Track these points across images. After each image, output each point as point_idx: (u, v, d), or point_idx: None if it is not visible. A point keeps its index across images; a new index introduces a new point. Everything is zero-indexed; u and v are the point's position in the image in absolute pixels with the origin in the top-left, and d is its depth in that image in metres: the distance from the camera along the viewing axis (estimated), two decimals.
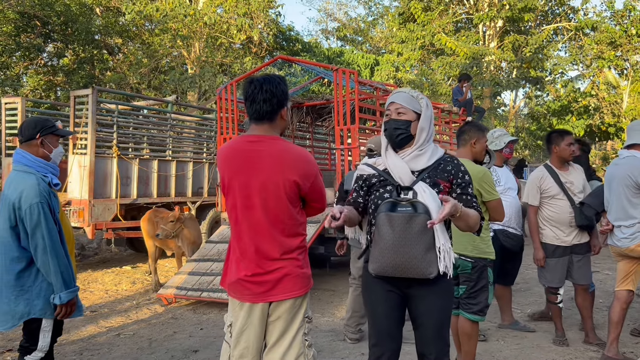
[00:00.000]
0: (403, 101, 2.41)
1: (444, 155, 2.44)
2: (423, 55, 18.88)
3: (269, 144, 2.39)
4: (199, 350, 4.42)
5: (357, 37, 30.15)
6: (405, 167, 2.36)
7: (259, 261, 2.37)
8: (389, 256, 2.26)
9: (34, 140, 2.89)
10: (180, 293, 5.94)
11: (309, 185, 2.42)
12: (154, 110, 10.42)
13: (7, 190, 2.79)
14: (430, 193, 2.28)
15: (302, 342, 2.45)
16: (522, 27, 18.66)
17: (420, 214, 2.23)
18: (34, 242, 2.71)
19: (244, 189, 2.38)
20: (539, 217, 4.35)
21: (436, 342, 2.39)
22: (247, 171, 2.37)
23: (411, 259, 2.24)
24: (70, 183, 7.71)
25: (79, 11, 16.72)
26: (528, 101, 26.84)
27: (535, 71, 17.86)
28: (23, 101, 8.83)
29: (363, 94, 7.58)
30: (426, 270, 2.25)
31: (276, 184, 2.34)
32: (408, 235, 2.23)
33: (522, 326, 4.88)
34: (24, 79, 18.52)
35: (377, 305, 2.45)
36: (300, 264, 2.44)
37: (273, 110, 2.40)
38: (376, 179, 2.43)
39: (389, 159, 2.42)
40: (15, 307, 2.76)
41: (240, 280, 2.40)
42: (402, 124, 2.39)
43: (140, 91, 17.10)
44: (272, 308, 2.41)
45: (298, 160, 2.39)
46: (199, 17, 15.38)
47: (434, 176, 2.36)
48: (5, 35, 15.73)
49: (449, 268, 2.29)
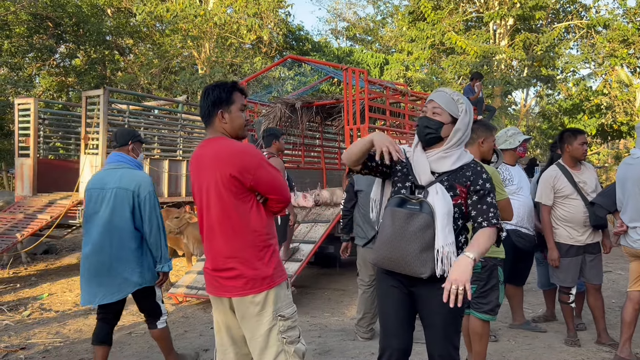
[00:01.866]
0: (442, 102, 2.39)
1: (470, 162, 2.41)
2: (433, 54, 18.81)
3: (211, 146, 2.45)
4: (209, 349, 4.44)
5: (366, 37, 30.10)
6: (426, 166, 2.35)
7: (215, 259, 2.45)
8: (385, 249, 2.31)
9: (126, 146, 3.61)
10: (190, 292, 5.97)
11: (252, 177, 2.34)
12: (164, 111, 10.49)
13: (119, 182, 3.41)
14: (442, 196, 2.27)
15: (279, 340, 2.40)
16: (533, 25, 18.53)
17: (422, 213, 2.24)
18: (150, 222, 3.42)
19: (199, 192, 2.48)
20: (552, 217, 4.32)
21: (443, 344, 2.38)
22: (198, 175, 2.48)
23: (405, 256, 2.25)
24: (82, 183, 7.77)
25: (91, 12, 16.86)
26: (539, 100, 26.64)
27: (547, 69, 17.72)
28: (36, 102, 8.92)
29: (373, 93, 7.57)
30: (418, 269, 2.25)
31: (216, 182, 2.37)
32: (405, 231, 2.25)
33: (533, 326, 4.84)
34: (36, 79, 18.71)
35: (384, 300, 2.49)
36: (254, 265, 2.37)
37: (208, 114, 2.48)
38: (401, 166, 2.44)
39: (415, 155, 2.42)
40: (131, 278, 3.39)
41: (205, 272, 2.53)
42: (433, 124, 2.37)
43: (151, 91, 17.21)
44: (235, 306, 2.44)
45: (233, 154, 2.36)
46: (209, 17, 15.45)
47: (453, 180, 2.35)
48: (18, 36, 15.91)
49: (448, 272, 2.23)
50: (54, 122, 9.66)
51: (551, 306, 5.19)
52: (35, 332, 5.09)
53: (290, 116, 8.17)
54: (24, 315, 5.73)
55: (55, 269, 8.60)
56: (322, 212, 7.04)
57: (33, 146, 8.60)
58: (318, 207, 7.18)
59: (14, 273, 8.13)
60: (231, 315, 2.48)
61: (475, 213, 2.35)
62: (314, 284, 7.26)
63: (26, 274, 8.14)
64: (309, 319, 5.40)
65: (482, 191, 2.35)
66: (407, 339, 2.44)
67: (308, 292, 6.64)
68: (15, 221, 7.74)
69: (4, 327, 5.32)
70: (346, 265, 8.02)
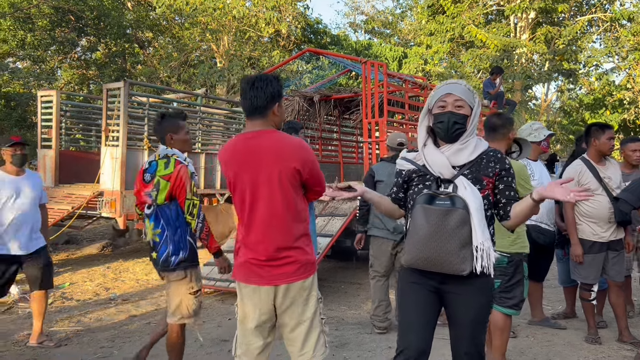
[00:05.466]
0: (462, 94, 2.31)
1: (487, 149, 2.35)
2: (452, 47, 18.63)
3: (267, 138, 2.49)
4: (227, 340, 4.47)
5: (385, 30, 29.92)
6: (445, 161, 2.29)
7: (268, 249, 2.46)
8: (422, 249, 2.21)
9: None
10: (208, 283, 6.02)
11: (308, 170, 2.48)
12: (183, 104, 10.55)
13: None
14: (471, 190, 2.22)
15: (320, 321, 2.57)
16: (555, 19, 18.23)
17: (458, 208, 2.17)
18: None
19: (251, 183, 2.47)
20: (575, 213, 4.25)
21: (471, 341, 2.33)
22: (251, 166, 2.46)
23: (444, 254, 2.18)
24: (102, 174, 7.86)
25: (112, 5, 17.01)
26: (560, 95, 26.23)
27: (569, 64, 17.44)
28: (58, 94, 9.03)
29: (392, 87, 7.52)
30: (459, 266, 2.18)
31: (279, 173, 2.42)
32: (443, 229, 2.17)
33: (552, 323, 4.80)
34: (58, 72, 18.97)
35: (407, 297, 2.41)
36: (305, 251, 2.52)
37: (264, 106, 2.49)
38: (416, 174, 2.38)
39: (428, 154, 2.34)
40: None
41: (247, 264, 2.50)
42: (461, 118, 2.29)
43: (170, 84, 17.33)
44: (282, 293, 2.47)
45: (296, 148, 2.48)
46: (227, 10, 15.49)
47: (477, 172, 2.29)
48: (41, 29, 16.13)
49: (489, 268, 2.21)
50: (75, 115, 9.77)
51: (571, 303, 5.12)
52: (57, 320, 5.18)
53: (308, 109, 8.17)
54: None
55: (76, 258, 8.74)
56: (339, 205, 7.03)
57: (55, 138, 8.72)
58: (335, 201, 7.18)
59: None
60: (270, 305, 2.50)
61: (505, 201, 2.32)
62: (331, 277, 7.27)
63: None
64: (326, 312, 5.40)
65: (507, 177, 2.32)
66: (427, 339, 2.37)
67: (325, 285, 6.65)
68: None
69: (27, 314, 5.43)
70: (363, 259, 8.00)
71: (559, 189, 2.08)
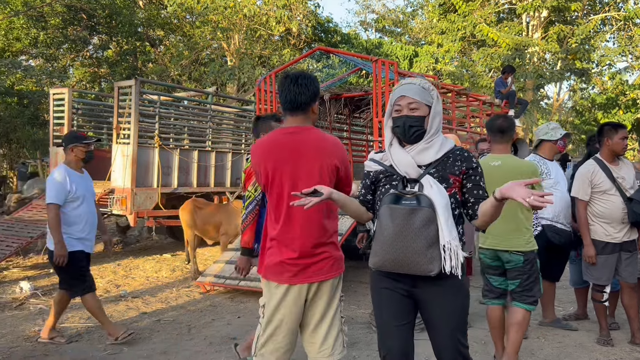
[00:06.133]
0: (415, 95, 2.26)
1: (453, 148, 2.30)
2: (463, 46, 18.52)
3: (307, 134, 2.53)
4: (237, 338, 4.48)
5: (396, 29, 29.81)
6: (410, 160, 2.25)
7: (305, 246, 2.48)
8: (388, 250, 2.17)
9: None
10: (218, 281, 6.03)
11: (344, 168, 2.55)
12: (194, 102, 10.59)
13: None
14: (437, 188, 2.17)
15: (340, 320, 2.61)
16: (568, 17, 18.04)
17: (424, 207, 2.12)
18: None
19: (291, 178, 2.48)
20: (588, 213, 4.21)
21: (453, 345, 2.27)
22: (291, 161, 2.48)
23: (411, 254, 2.13)
24: (113, 172, 7.92)
25: (123, 4, 17.11)
26: (572, 94, 26.00)
27: (581, 63, 17.26)
28: (70, 92, 9.10)
29: None
30: (427, 267, 2.13)
31: (321, 169, 2.47)
32: (408, 229, 2.12)
33: (564, 324, 4.75)
34: (70, 70, 19.11)
35: (381, 304, 2.36)
36: (337, 247, 2.60)
37: (307, 102, 2.53)
38: (383, 175, 2.35)
39: (394, 154, 2.30)
40: None
41: (282, 263, 2.50)
42: (416, 120, 2.25)
43: (181, 83, 17.40)
44: (313, 290, 2.50)
45: (335, 146, 2.55)
46: (238, 9, 15.52)
47: (443, 170, 2.25)
48: (53, 28, 16.26)
49: (457, 268, 2.15)
50: (86, 112, 9.85)
51: (583, 304, 5.07)
52: (68, 316, 5.22)
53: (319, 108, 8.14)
54: None
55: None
56: None
57: None
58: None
59: (48, 259, 8.34)
60: (302, 303, 2.52)
61: (473, 200, 2.29)
62: None
63: None
64: None
65: (475, 176, 2.29)
66: (408, 340, 2.34)
67: None
68: None
69: (39, 311, 5.48)
70: None
71: (520, 189, 1.98)
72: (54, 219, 4.11)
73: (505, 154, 3.62)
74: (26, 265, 7.89)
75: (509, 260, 3.54)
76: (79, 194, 4.22)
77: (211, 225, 7.14)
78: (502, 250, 3.56)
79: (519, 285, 3.52)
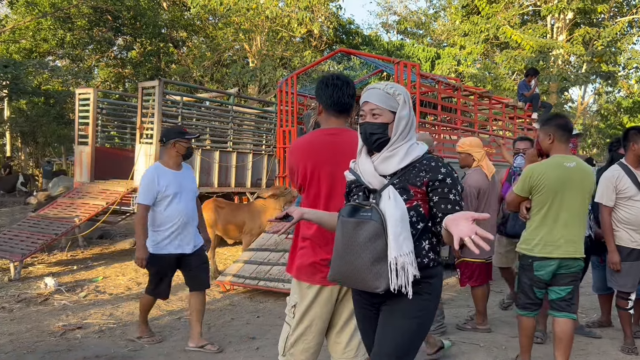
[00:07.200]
0: (378, 101, 2.11)
1: (423, 156, 2.10)
2: (486, 48, 18.35)
3: (347, 135, 2.56)
4: (255, 338, 4.50)
5: (418, 30, 29.69)
6: (371, 170, 2.09)
7: None
8: (338, 263, 2.07)
9: None
10: (237, 281, 6.07)
11: None
12: (216, 103, 10.68)
13: None
14: (394, 200, 1.99)
15: None
16: (594, 19, 17.76)
17: (370, 220, 1.98)
18: None
19: (330, 178, 2.51)
20: (612, 219, 4.13)
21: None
22: (332, 161, 2.51)
23: (357, 270, 2.00)
24: (136, 171, 8.02)
25: (148, 5, 17.37)
26: (597, 97, 25.57)
27: (607, 66, 16.97)
28: (95, 92, 9.26)
29: (424, 88, 7.46)
30: (372, 283, 1.98)
31: None
32: (354, 242, 2.00)
33: (587, 331, 4.67)
34: (95, 71, 19.45)
35: (358, 320, 2.32)
36: None
37: (351, 104, 2.59)
38: (354, 184, 2.20)
39: (359, 164, 2.16)
40: None
41: (315, 264, 2.51)
42: (377, 127, 2.09)
43: (203, 84, 17.58)
44: (343, 291, 2.52)
45: None
46: (261, 10, 15.62)
47: (405, 181, 2.07)
48: (79, 29, 16.58)
49: (406, 287, 1.95)
50: (110, 112, 10.00)
51: (607, 312, 4.98)
52: (91, 312, 5.31)
53: None
54: (81, 297, 5.99)
55: (109, 253, 8.94)
56: None
57: (91, 135, 8.93)
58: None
59: (72, 256, 8.50)
60: (331, 304, 2.54)
61: (441, 215, 2.04)
62: None
63: (82, 257, 8.49)
64: None
65: (441, 189, 2.05)
66: None
67: None
68: (74, 206, 8.09)
69: (63, 306, 5.58)
70: None
71: (465, 225, 1.75)
72: (140, 220, 3.99)
73: (572, 155, 3.53)
74: (50, 261, 8.04)
75: (569, 266, 3.37)
76: (170, 192, 4.01)
77: (233, 224, 7.18)
78: (574, 258, 3.37)
79: (569, 292, 3.37)
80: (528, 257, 3.43)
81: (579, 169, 3.36)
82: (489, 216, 1.85)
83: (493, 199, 4.60)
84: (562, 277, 3.38)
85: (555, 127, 3.43)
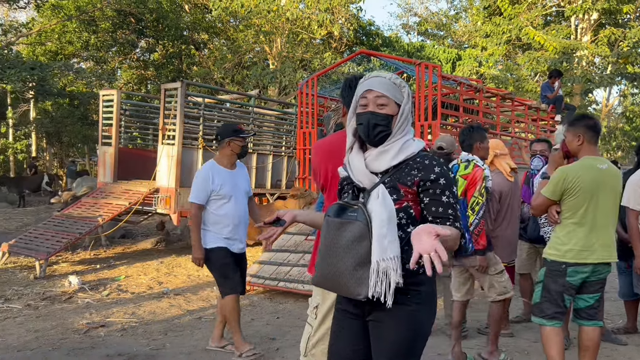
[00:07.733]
0: (385, 90, 1.93)
1: (418, 153, 1.95)
2: (508, 50, 18.15)
3: None
4: (275, 339, 4.51)
5: (438, 32, 29.50)
6: (362, 168, 1.95)
7: None
8: (321, 266, 1.94)
9: None
10: (257, 281, 6.10)
11: None
12: (237, 104, 10.75)
13: None
14: (383, 199, 1.86)
15: None
16: (620, 20, 17.45)
17: (355, 221, 1.85)
18: None
19: None
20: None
21: None
22: None
23: (339, 273, 1.87)
24: (159, 172, 8.11)
25: (170, 8, 17.58)
26: (622, 99, 25.10)
27: (633, 67, 16.64)
28: (119, 93, 9.40)
29: (446, 89, 7.41)
30: (354, 289, 1.84)
31: None
32: (336, 244, 1.87)
33: (612, 338, 4.57)
34: (118, 72, 19.75)
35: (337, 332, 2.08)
36: None
37: None
38: (346, 182, 2.06)
39: (351, 160, 2.01)
40: None
41: None
42: (382, 119, 1.92)
43: (224, 85, 17.72)
44: None
45: None
46: (281, 13, 15.68)
47: (396, 179, 1.91)
48: (103, 31, 16.86)
49: (386, 295, 1.80)
50: (133, 113, 10.13)
51: (633, 318, 4.88)
52: (114, 311, 5.38)
53: None
54: (103, 295, 6.08)
55: (131, 252, 9.05)
56: None
57: (115, 135, 9.06)
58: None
59: (95, 255, 8.64)
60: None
61: (431, 218, 1.90)
62: None
63: (105, 256, 8.62)
64: None
65: (433, 190, 1.89)
66: None
67: None
68: (97, 206, 8.22)
69: (86, 304, 5.67)
70: None
71: (428, 240, 1.62)
72: (194, 219, 3.93)
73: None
74: (74, 260, 8.18)
75: (599, 272, 3.24)
76: (224, 192, 3.92)
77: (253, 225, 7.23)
78: (607, 263, 3.24)
79: (597, 300, 3.27)
80: (560, 263, 3.24)
81: (611, 170, 3.25)
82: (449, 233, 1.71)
83: (515, 203, 4.52)
84: (592, 285, 3.25)
85: (584, 127, 3.28)
